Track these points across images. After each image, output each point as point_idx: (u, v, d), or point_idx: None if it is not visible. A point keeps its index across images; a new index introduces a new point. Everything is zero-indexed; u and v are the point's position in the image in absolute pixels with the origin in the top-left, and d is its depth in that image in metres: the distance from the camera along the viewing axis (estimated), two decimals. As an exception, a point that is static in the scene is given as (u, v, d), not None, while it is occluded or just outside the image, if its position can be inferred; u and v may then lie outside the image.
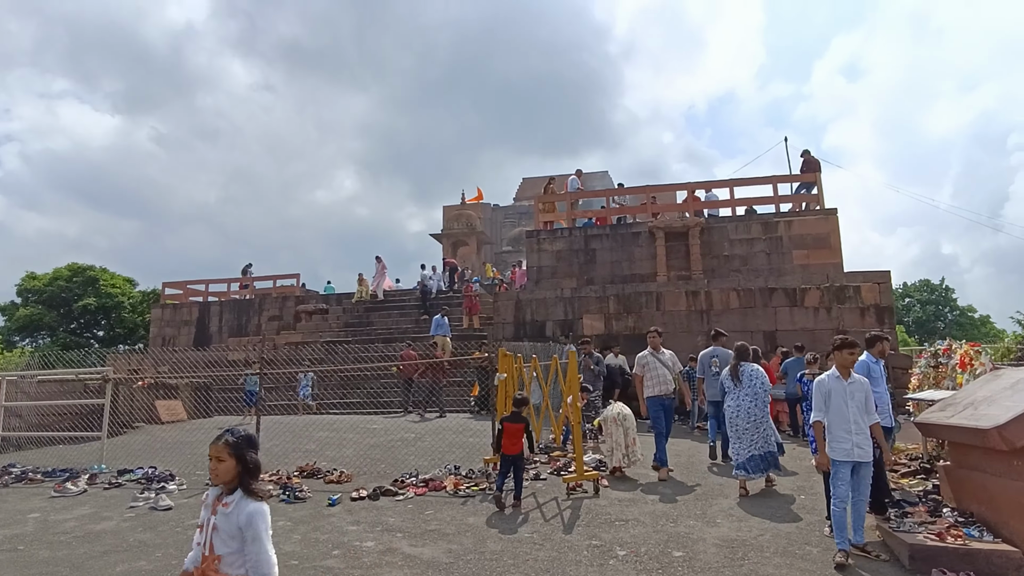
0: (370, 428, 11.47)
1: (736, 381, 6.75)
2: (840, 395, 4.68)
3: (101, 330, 39.05)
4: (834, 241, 14.42)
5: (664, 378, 7.31)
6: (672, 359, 7.52)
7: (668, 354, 7.53)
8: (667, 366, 7.39)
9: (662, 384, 7.28)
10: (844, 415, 4.61)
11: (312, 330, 20.56)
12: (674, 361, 7.57)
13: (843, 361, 4.77)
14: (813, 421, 4.79)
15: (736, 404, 6.68)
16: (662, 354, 7.44)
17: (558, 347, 11.12)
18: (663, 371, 7.33)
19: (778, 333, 13.61)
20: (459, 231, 34.98)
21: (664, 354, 7.46)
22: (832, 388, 4.73)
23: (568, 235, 15.79)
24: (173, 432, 11.27)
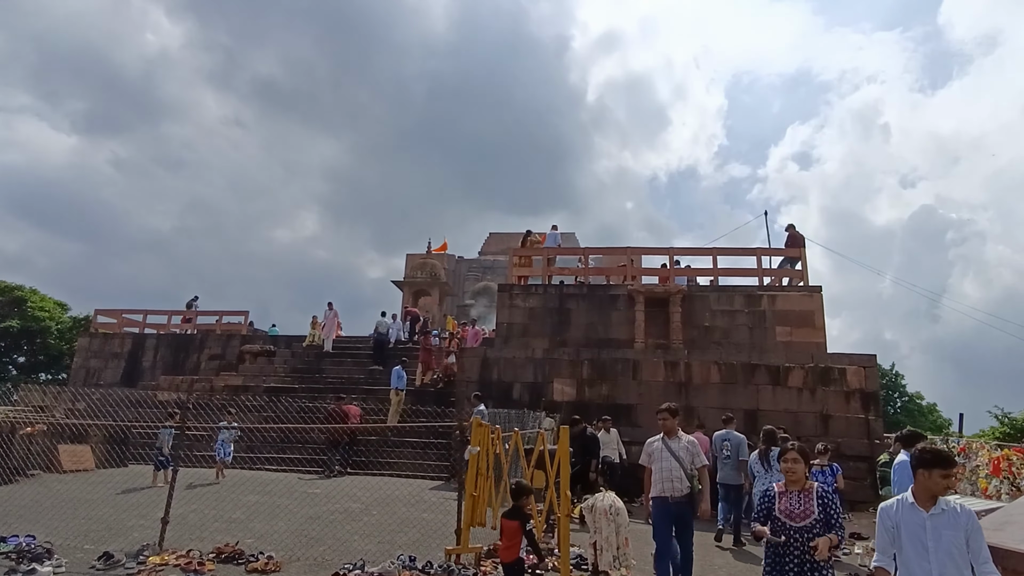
0: (310, 493, 10.02)
1: (766, 466, 6.90)
2: (916, 537, 3.03)
3: (22, 356, 35.93)
4: (818, 320, 13.93)
5: (673, 474, 5.33)
6: (690, 448, 5.45)
7: (686, 441, 5.51)
8: (679, 458, 5.37)
9: (670, 481, 5.33)
10: (923, 569, 2.97)
11: (255, 373, 18.88)
12: (692, 452, 5.45)
13: (933, 486, 3.05)
14: (875, 566, 3.21)
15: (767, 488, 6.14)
16: (676, 441, 5.47)
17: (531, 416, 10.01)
18: (672, 464, 5.35)
19: (759, 413, 12.81)
20: (422, 280, 33.89)
21: (679, 441, 5.48)
22: (905, 522, 3.08)
23: (543, 292, 14.91)
24: (74, 484, 9.57)
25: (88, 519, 7.42)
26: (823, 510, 3.55)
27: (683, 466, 5.35)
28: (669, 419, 5.59)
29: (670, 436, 5.53)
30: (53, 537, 6.42)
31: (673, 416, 5.62)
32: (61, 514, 7.54)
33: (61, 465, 10.61)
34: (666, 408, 5.68)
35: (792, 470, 3.75)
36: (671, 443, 5.47)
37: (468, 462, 6.32)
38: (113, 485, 9.71)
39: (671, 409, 5.66)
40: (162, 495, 9.00)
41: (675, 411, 5.68)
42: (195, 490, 9.50)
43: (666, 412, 5.64)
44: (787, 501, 3.70)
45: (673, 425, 5.58)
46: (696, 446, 5.54)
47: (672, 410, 5.66)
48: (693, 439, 5.64)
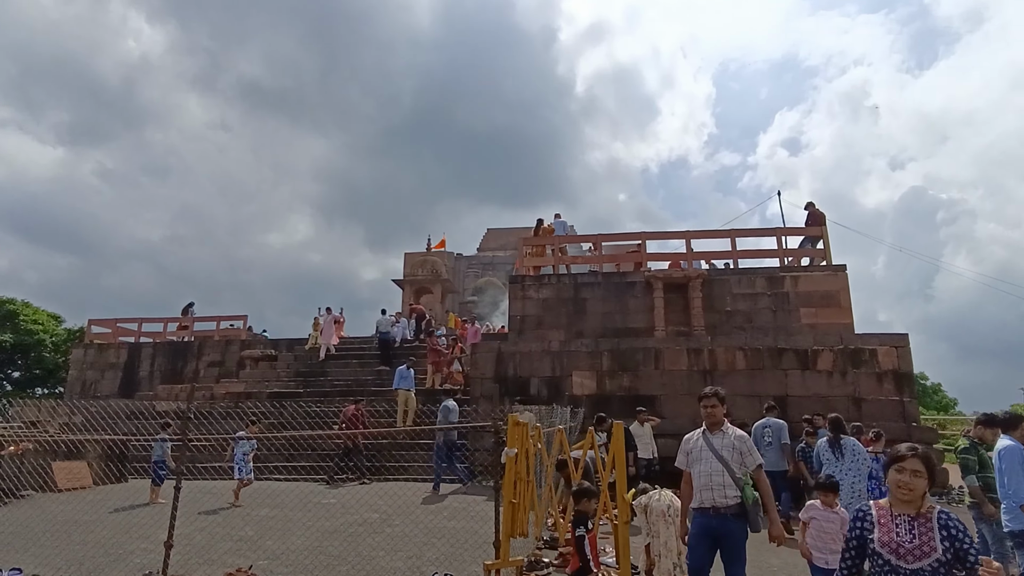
0: (323, 504, 9.38)
1: (838, 454, 6.62)
2: None
3: (17, 371, 35.16)
4: (844, 299, 13.33)
5: (715, 479, 4.10)
6: (739, 445, 4.19)
7: (733, 436, 4.25)
8: (723, 458, 4.12)
9: (710, 489, 4.10)
10: None
11: (257, 379, 18.21)
12: (742, 450, 4.17)
13: None
14: None
15: (839, 477, 6.27)
16: (721, 436, 4.25)
17: (557, 412, 9.38)
18: (715, 466, 4.12)
19: (789, 399, 12.23)
20: (423, 278, 33.24)
21: (726, 436, 4.24)
22: None
23: (556, 282, 14.28)
24: (69, 505, 8.91)
25: (84, 544, 6.77)
26: (950, 544, 2.41)
27: (729, 468, 4.09)
28: (718, 407, 4.31)
29: (714, 429, 4.30)
30: (43, 568, 5.77)
31: (721, 403, 4.34)
32: (54, 539, 6.89)
33: (56, 484, 9.94)
34: (712, 393, 4.37)
35: (908, 485, 2.51)
36: (714, 438, 4.24)
37: (505, 465, 5.69)
38: (112, 503, 9.06)
39: (719, 395, 4.35)
40: (164, 513, 8.35)
41: (723, 397, 4.37)
42: (201, 506, 8.85)
43: (713, 398, 4.32)
44: (893, 530, 2.51)
45: (720, 415, 4.33)
46: (747, 442, 4.24)
47: (720, 396, 4.35)
48: (744, 434, 4.32)
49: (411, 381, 13.35)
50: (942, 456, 12.01)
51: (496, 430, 5.77)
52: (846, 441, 6.66)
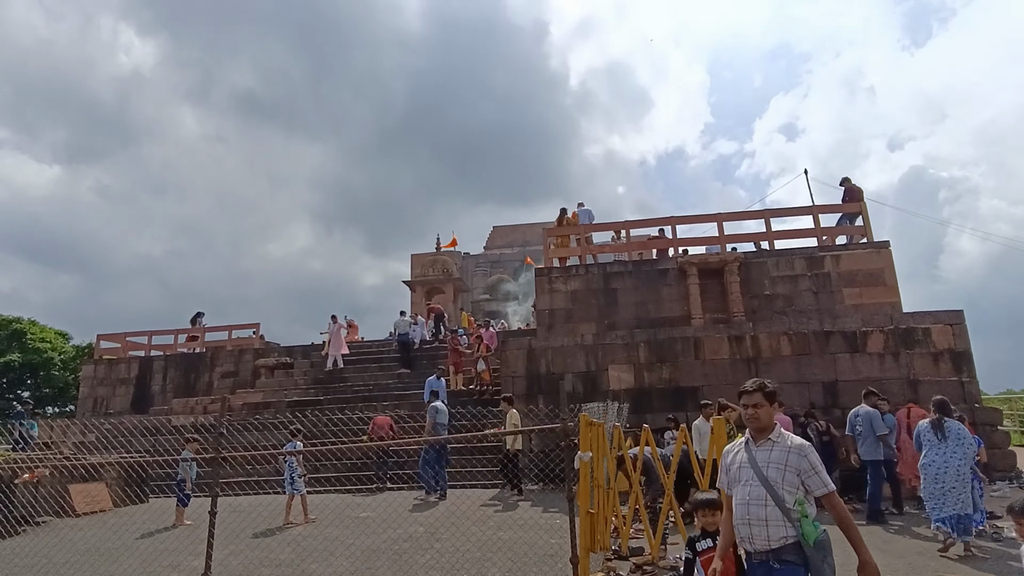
0: (360, 518, 8.77)
1: (940, 436, 6.38)
2: None
3: (27, 390, 34.67)
4: (889, 278, 12.67)
5: (753, 510, 2.97)
6: (795, 462, 2.96)
7: (787, 446, 3.03)
8: (766, 479, 2.97)
9: (749, 524, 2.99)
10: None
11: (274, 388, 17.64)
12: (799, 468, 2.95)
13: None
14: None
15: (944, 461, 6.32)
16: (769, 447, 3.06)
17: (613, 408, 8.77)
18: (757, 491, 2.98)
19: (839, 384, 11.59)
20: (435, 277, 32.64)
21: (777, 446, 3.04)
22: None
23: (584, 273, 13.64)
24: (90, 531, 8.33)
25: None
26: None
27: (775, 494, 2.89)
28: (763, 406, 3.08)
29: (759, 437, 3.08)
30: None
31: (769, 400, 3.10)
32: (78, 571, 6.30)
33: (74, 508, 9.37)
34: (756, 388, 3.10)
35: None
36: (759, 451, 3.04)
37: (579, 471, 5.07)
38: (136, 527, 8.46)
39: (764, 389, 3.09)
40: (193, 536, 7.76)
41: (772, 392, 3.12)
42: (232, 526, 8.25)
43: (756, 394, 3.08)
44: None
45: (767, 417, 3.09)
46: (808, 456, 2.95)
47: (767, 390, 3.09)
48: (803, 443, 3.03)
49: (443, 392, 12.70)
50: (1008, 438, 11.36)
51: (566, 432, 5.15)
52: (950, 424, 6.35)
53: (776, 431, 3.09)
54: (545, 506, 9.50)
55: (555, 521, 8.36)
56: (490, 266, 50.79)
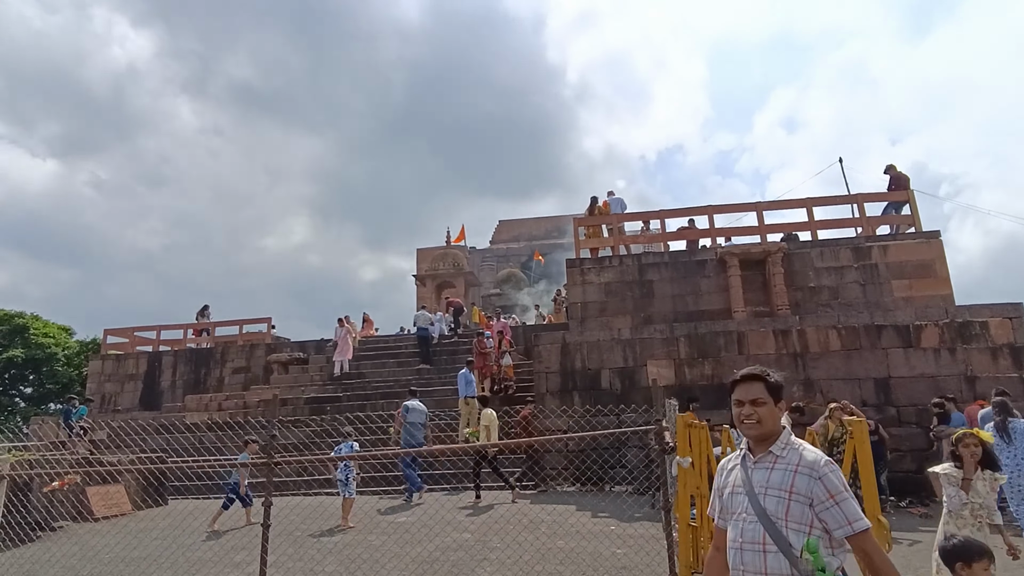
0: (399, 523, 8.23)
1: (1006, 439, 6.09)
2: None
3: (29, 386, 34.08)
4: (940, 269, 12.11)
5: (751, 560, 2.06)
6: (810, 483, 2.02)
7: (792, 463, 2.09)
8: (763, 512, 2.07)
9: (742, 572, 2.08)
10: None
11: (290, 384, 17.07)
12: (817, 493, 2.01)
13: None
14: None
15: (1015, 464, 5.99)
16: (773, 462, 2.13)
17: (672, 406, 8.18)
18: (748, 529, 2.09)
19: (892, 380, 11.04)
20: (445, 271, 32.07)
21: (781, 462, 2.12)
22: None
23: (619, 264, 13.07)
24: (110, 536, 7.77)
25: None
26: None
27: (775, 532, 2.02)
28: (763, 402, 2.14)
29: (759, 447, 2.17)
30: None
31: (773, 394, 2.15)
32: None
33: (92, 512, 8.80)
34: (754, 376, 2.20)
35: None
36: (757, 469, 2.15)
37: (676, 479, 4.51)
38: (161, 532, 7.90)
39: (767, 379, 2.17)
40: (226, 546, 7.21)
41: (775, 385, 2.17)
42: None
43: (756, 384, 2.17)
44: None
45: (771, 420, 2.14)
46: (825, 476, 2.01)
47: (770, 381, 2.17)
48: (820, 457, 2.08)
49: (475, 388, 12.18)
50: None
51: (659, 432, 4.60)
52: (1015, 424, 6.09)
53: (783, 439, 2.10)
54: (593, 510, 8.95)
55: (610, 528, 7.82)
56: (497, 261, 50.27)
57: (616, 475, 11.02)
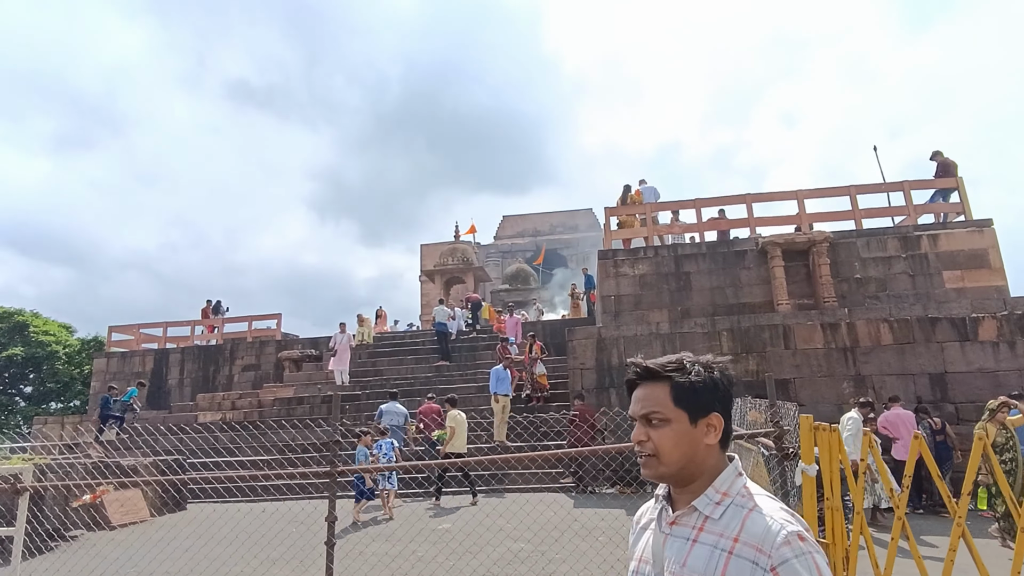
0: (441, 531, 7.64)
1: None
2: None
3: (30, 385, 33.39)
4: (994, 259, 11.56)
5: None
6: (753, 563, 1.12)
7: (735, 534, 1.16)
8: None
9: None
10: None
11: (305, 382, 16.47)
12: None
13: None
14: None
15: None
16: (699, 526, 1.22)
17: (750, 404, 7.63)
18: None
19: (948, 376, 10.48)
20: (454, 267, 31.37)
21: (718, 528, 1.19)
22: None
23: (654, 255, 12.48)
24: (130, 546, 7.18)
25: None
26: None
27: None
28: (661, 421, 1.23)
29: (680, 499, 1.27)
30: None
31: (694, 407, 1.24)
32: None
33: (109, 520, 8.20)
34: (648, 370, 1.28)
35: None
36: (673, 537, 1.25)
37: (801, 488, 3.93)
38: (182, 543, 7.30)
39: (678, 378, 1.25)
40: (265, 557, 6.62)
41: (698, 387, 1.25)
42: (290, 536, 7.11)
43: (651, 378, 1.28)
44: None
45: (677, 454, 1.23)
46: (788, 559, 1.08)
47: (679, 381, 1.25)
48: (783, 523, 1.12)
49: (508, 385, 11.59)
50: None
51: (779, 436, 4.02)
52: None
53: (722, 486, 1.23)
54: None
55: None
56: (501, 256, 49.72)
57: (657, 476, 10.47)
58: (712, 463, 1.25)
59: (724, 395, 1.28)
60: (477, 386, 13.99)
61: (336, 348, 15.79)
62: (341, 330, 15.95)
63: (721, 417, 1.25)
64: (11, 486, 4.25)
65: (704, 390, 1.25)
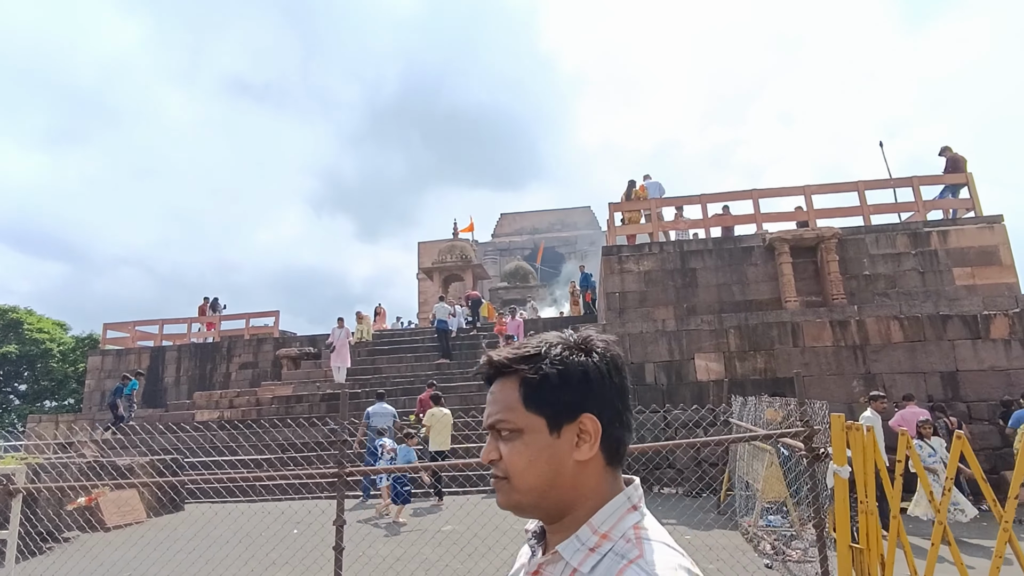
0: (444, 532, 7.43)
1: None
2: None
3: (24, 383, 33.07)
4: (1005, 256, 11.40)
5: None
6: None
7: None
8: None
9: None
10: None
11: (302, 380, 16.24)
12: None
13: None
14: None
15: None
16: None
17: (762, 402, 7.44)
18: None
19: (960, 374, 10.34)
20: (452, 264, 31.15)
21: None
22: None
23: (659, 251, 12.29)
24: (126, 548, 6.96)
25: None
26: None
27: None
28: (512, 433, 0.89)
29: (552, 537, 0.93)
30: None
31: (557, 413, 0.89)
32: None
33: (104, 521, 7.98)
34: (497, 364, 0.93)
35: None
36: None
37: (833, 492, 3.75)
38: (182, 545, 7.09)
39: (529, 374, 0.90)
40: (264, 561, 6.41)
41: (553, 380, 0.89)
42: (285, 540, 6.90)
43: (500, 374, 0.93)
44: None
45: (531, 477, 0.88)
46: None
47: (529, 377, 0.90)
48: (669, 564, 0.79)
49: None
50: None
51: (809, 436, 3.83)
52: None
53: (600, 525, 0.87)
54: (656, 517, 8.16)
55: (685, 537, 7.06)
56: (499, 254, 49.52)
57: (663, 476, 10.33)
58: (592, 488, 0.88)
59: (603, 387, 0.90)
60: (478, 384, 13.79)
61: (335, 344, 15.58)
62: (339, 325, 15.71)
63: (597, 420, 0.88)
64: (3, 487, 4.03)
65: (564, 383, 0.88)
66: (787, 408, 6.78)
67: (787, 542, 6.40)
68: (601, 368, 0.91)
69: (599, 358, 0.91)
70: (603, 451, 0.89)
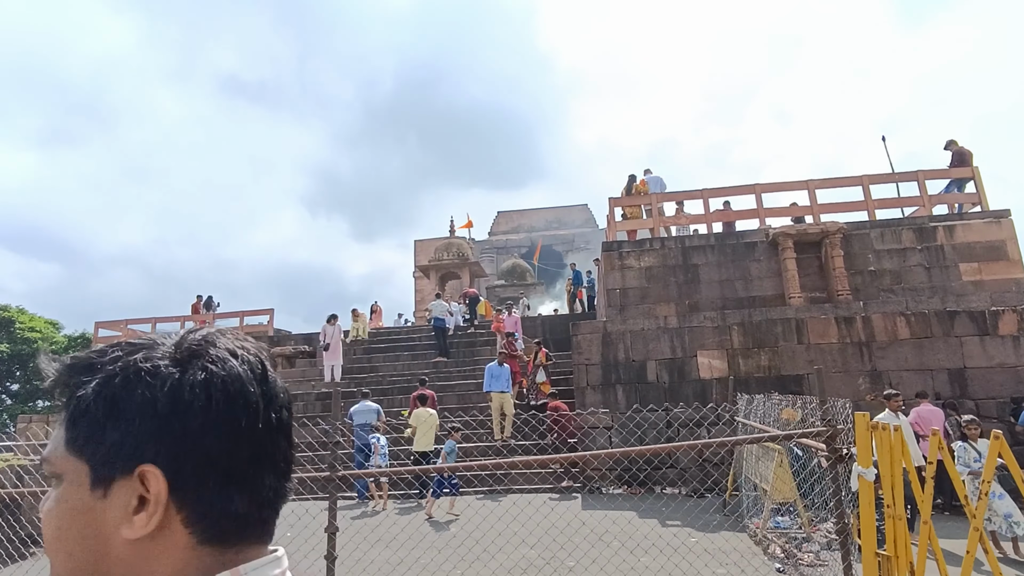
0: (443, 535, 7.19)
1: None
2: None
3: (16, 383, 32.70)
4: (1012, 251, 11.21)
5: None
6: None
7: None
8: None
9: None
10: None
11: (298, 378, 15.97)
12: None
13: None
14: None
15: None
16: None
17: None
18: None
19: (967, 371, 10.13)
20: (449, 262, 30.87)
21: None
22: None
23: (660, 247, 12.05)
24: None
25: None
26: None
27: None
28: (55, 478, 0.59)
29: None
30: None
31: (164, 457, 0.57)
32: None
33: (90, 525, 7.69)
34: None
35: None
36: None
37: (858, 494, 3.52)
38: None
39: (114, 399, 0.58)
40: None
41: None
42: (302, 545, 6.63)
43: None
44: None
45: (73, 545, 0.57)
46: None
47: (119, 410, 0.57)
48: None
49: (506, 381, 11.11)
50: None
51: (831, 436, 3.59)
52: None
53: None
54: (657, 517, 7.95)
55: (691, 540, 6.83)
56: (496, 252, 49.27)
57: (666, 476, 10.13)
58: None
59: (190, 421, 0.57)
60: (476, 383, 13.54)
61: (328, 342, 15.19)
62: (331, 323, 14.98)
63: (161, 476, 0.55)
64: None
65: (112, 413, 0.57)
66: (804, 407, 6.55)
67: (798, 545, 6.18)
68: (195, 391, 0.57)
69: (205, 375, 0.58)
70: (189, 525, 0.56)
